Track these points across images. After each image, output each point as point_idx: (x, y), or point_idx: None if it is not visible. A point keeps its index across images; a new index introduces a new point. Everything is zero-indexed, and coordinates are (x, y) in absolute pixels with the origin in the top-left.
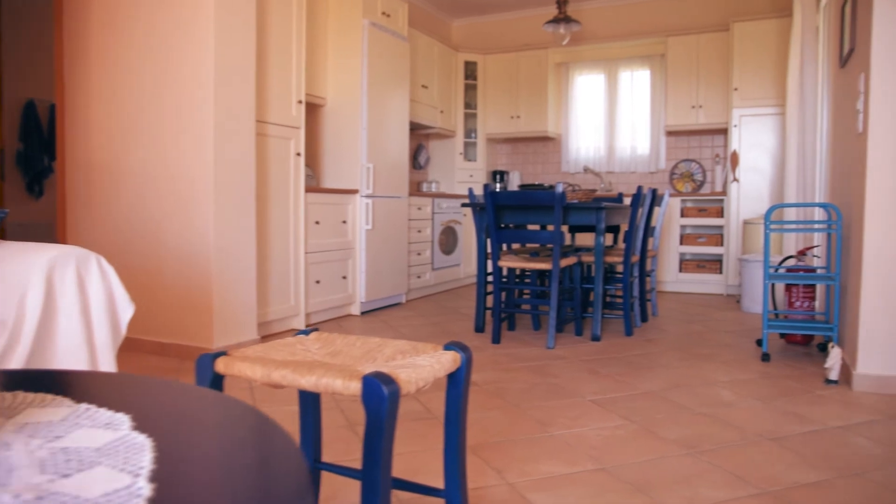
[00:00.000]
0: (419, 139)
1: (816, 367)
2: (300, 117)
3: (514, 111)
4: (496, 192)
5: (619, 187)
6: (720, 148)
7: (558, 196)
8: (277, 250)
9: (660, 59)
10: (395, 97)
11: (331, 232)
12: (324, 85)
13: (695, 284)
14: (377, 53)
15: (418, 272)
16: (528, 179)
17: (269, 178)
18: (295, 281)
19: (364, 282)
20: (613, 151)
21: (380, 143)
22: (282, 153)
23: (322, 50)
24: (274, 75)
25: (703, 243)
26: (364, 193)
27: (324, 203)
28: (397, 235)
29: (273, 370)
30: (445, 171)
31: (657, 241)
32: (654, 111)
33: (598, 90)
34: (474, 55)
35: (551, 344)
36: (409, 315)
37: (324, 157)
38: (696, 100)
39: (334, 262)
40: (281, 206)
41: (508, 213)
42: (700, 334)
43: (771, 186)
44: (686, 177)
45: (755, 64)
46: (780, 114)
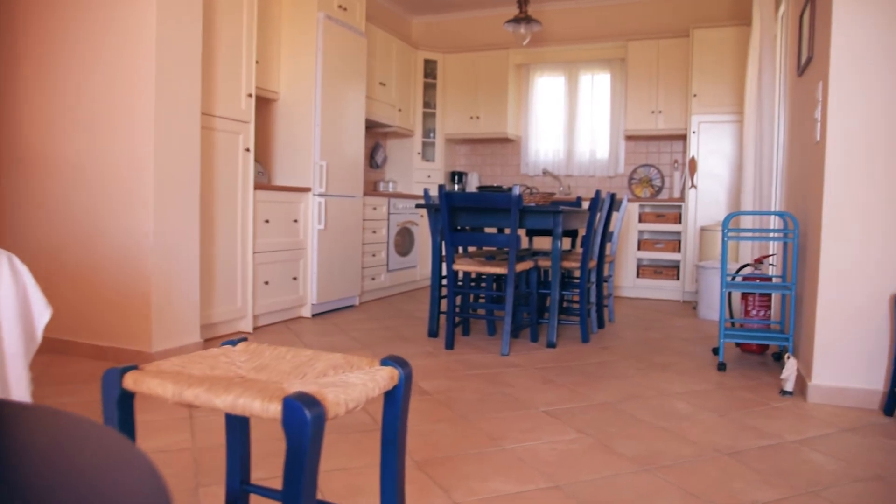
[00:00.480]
0: (376, 138)
1: (772, 377)
2: (250, 111)
3: (473, 111)
4: (451, 193)
5: (578, 191)
6: (679, 154)
7: (515, 199)
8: (224, 249)
9: (620, 62)
10: (350, 93)
11: (281, 231)
12: (276, 79)
13: (652, 290)
14: (332, 48)
15: (373, 274)
16: (487, 181)
17: (215, 173)
18: (242, 281)
19: (315, 283)
20: (573, 155)
21: (334, 141)
22: (230, 148)
23: (275, 42)
24: (222, 66)
25: (661, 249)
26: (317, 192)
27: (274, 201)
28: (351, 236)
29: (185, 388)
30: (403, 171)
31: (615, 247)
32: (613, 115)
33: (559, 92)
34: (434, 53)
35: (506, 351)
36: (361, 318)
37: (276, 154)
38: (655, 105)
39: (284, 263)
40: (228, 203)
41: (464, 214)
42: (657, 342)
43: (728, 193)
44: (645, 182)
45: (714, 71)
46: (737, 121)
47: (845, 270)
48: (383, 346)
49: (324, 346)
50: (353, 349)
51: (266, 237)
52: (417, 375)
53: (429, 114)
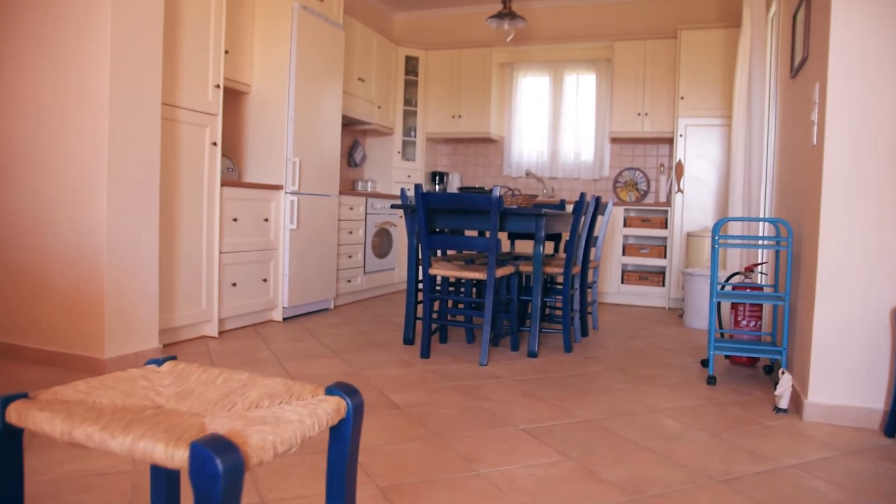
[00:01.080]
0: (355, 135)
1: (764, 391)
2: (217, 103)
3: (455, 110)
4: (428, 193)
5: (562, 194)
6: (665, 157)
7: (495, 200)
8: (187, 249)
9: (606, 63)
10: (327, 88)
11: (250, 230)
12: (248, 70)
13: (637, 297)
14: (308, 39)
15: (349, 276)
16: (468, 182)
17: (179, 168)
18: (207, 283)
19: (287, 286)
20: (557, 156)
21: (308, 137)
22: (195, 141)
23: (248, 32)
24: (188, 55)
25: (646, 255)
26: (289, 190)
27: (243, 199)
28: (326, 236)
29: (76, 425)
30: (382, 170)
31: (599, 252)
32: (598, 117)
33: (543, 93)
34: (416, 50)
35: (484, 360)
36: (335, 322)
37: (247, 149)
38: (641, 107)
39: (254, 264)
40: (193, 199)
41: (442, 216)
42: (642, 352)
43: (716, 199)
44: (630, 185)
45: (702, 73)
46: (725, 125)
47: (843, 281)
48: (354, 354)
49: (292, 352)
50: (322, 356)
51: (234, 236)
52: (389, 387)
53: (410, 112)
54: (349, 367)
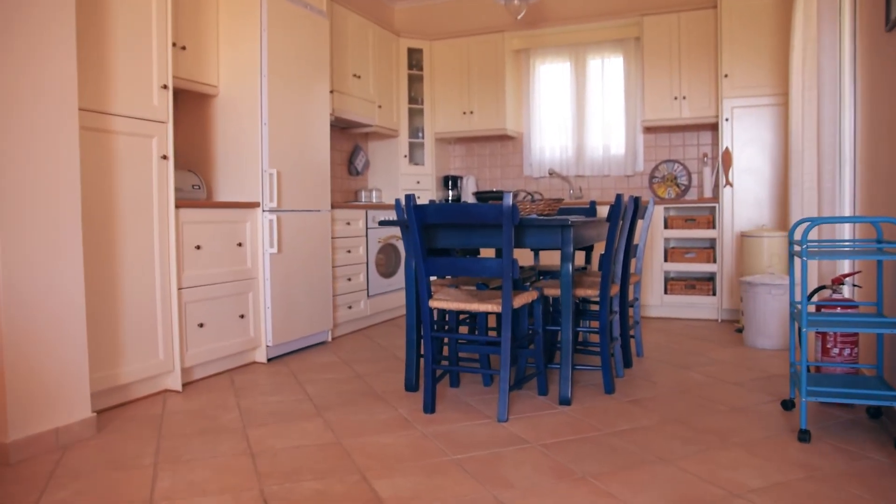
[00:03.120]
0: (355, 140)
1: (883, 451)
2: (166, 108)
3: (466, 106)
4: (423, 206)
5: (591, 194)
6: (708, 146)
7: (507, 211)
8: (134, 287)
9: (634, 42)
10: (310, 86)
11: (219, 259)
12: (213, 69)
13: (683, 308)
14: (282, 29)
15: (349, 301)
16: (485, 185)
17: (117, 188)
18: (164, 327)
19: (270, 321)
20: (583, 152)
21: (289, 143)
22: (138, 156)
23: (211, 24)
24: (123, 50)
25: (692, 259)
26: (267, 207)
27: (208, 221)
28: (317, 259)
29: None
30: (388, 178)
31: (640, 263)
32: (629, 104)
33: (564, 81)
34: (419, 41)
35: (504, 416)
36: (329, 361)
37: (216, 162)
38: (678, 90)
39: (226, 298)
40: (139, 226)
41: (444, 233)
42: (702, 388)
43: (772, 191)
44: (669, 181)
45: (749, 46)
46: (781, 104)
47: None
48: (342, 411)
49: (265, 411)
50: (300, 416)
51: (197, 268)
52: (375, 468)
53: (415, 110)
54: (330, 435)
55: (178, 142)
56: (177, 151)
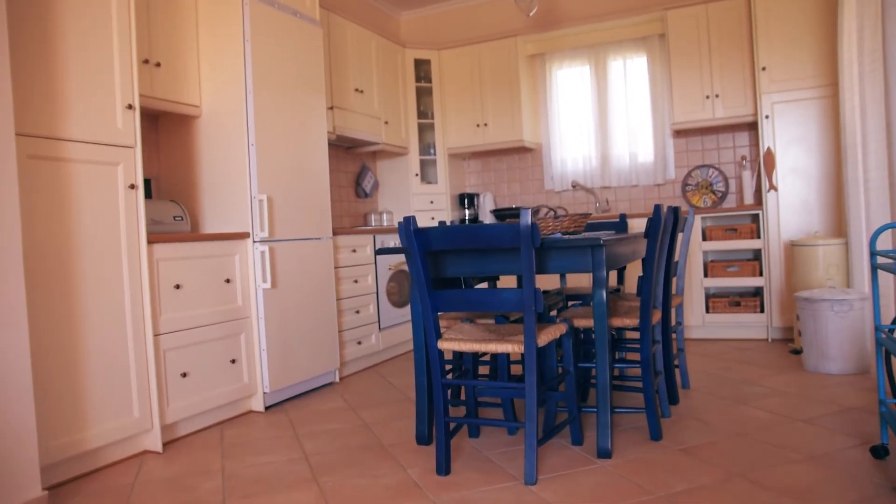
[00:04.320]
0: (361, 159)
1: None
2: (132, 131)
3: (480, 118)
4: (425, 230)
5: (620, 206)
6: (746, 148)
7: (525, 231)
8: (101, 337)
9: (658, 40)
10: (305, 102)
11: (204, 298)
12: (194, 87)
13: (728, 328)
14: (268, 39)
15: (358, 336)
16: (504, 202)
17: (74, 225)
18: (139, 381)
19: (266, 364)
20: (608, 161)
21: (281, 166)
22: (102, 186)
23: (190, 37)
24: (78, 68)
25: (736, 274)
26: (258, 237)
27: (188, 257)
28: (318, 291)
29: None
30: (399, 198)
31: (682, 281)
32: (656, 107)
33: (584, 85)
34: (426, 51)
35: (532, 477)
36: (335, 408)
37: (202, 190)
38: (709, 88)
39: (213, 343)
40: (104, 267)
41: (452, 260)
42: (766, 430)
43: (822, 194)
44: (704, 188)
45: (787, 35)
46: (828, 96)
47: None
48: (341, 474)
49: (252, 476)
50: (291, 484)
51: (177, 310)
52: None
53: (425, 125)
54: None
55: (161, 169)
56: (159, 180)
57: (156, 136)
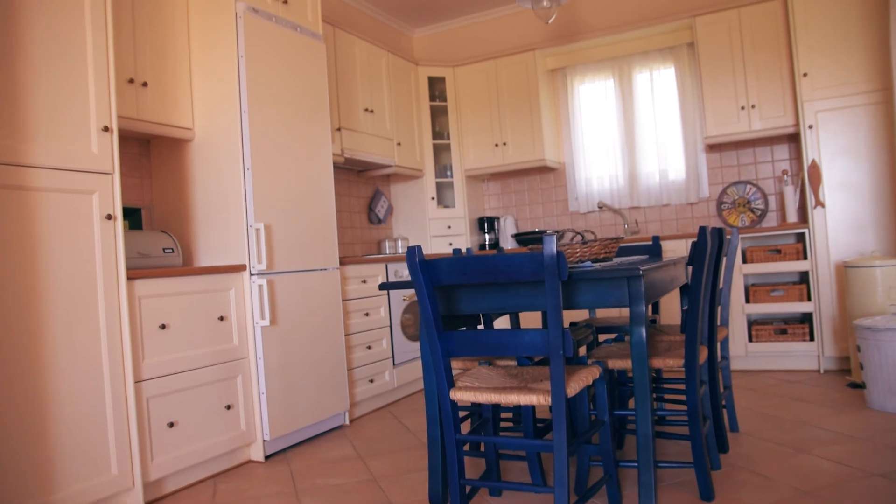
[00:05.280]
0: (374, 183)
1: None
2: (109, 155)
3: (498, 137)
4: (433, 262)
5: (650, 228)
6: (786, 161)
7: (550, 262)
8: (72, 386)
9: (687, 49)
10: (307, 123)
11: (194, 338)
12: (186, 108)
13: (774, 358)
14: (266, 55)
15: (370, 374)
16: (526, 226)
17: (41, 261)
18: (117, 432)
19: (265, 409)
20: (636, 180)
21: (282, 191)
22: (74, 217)
23: (180, 55)
24: (44, 85)
25: (780, 298)
26: (255, 270)
27: (176, 293)
28: (324, 327)
29: None
30: (415, 224)
31: (727, 311)
32: (686, 121)
33: (609, 100)
34: (440, 68)
35: None
36: (341, 456)
37: (196, 219)
38: (744, 98)
39: (205, 387)
40: (77, 307)
41: (467, 294)
42: (838, 487)
43: (875, 210)
44: (741, 206)
45: (831, 37)
46: (880, 101)
47: None
48: None
49: None
50: None
51: (163, 353)
52: None
53: (441, 146)
54: None
55: (153, 197)
56: (152, 209)
57: (148, 161)
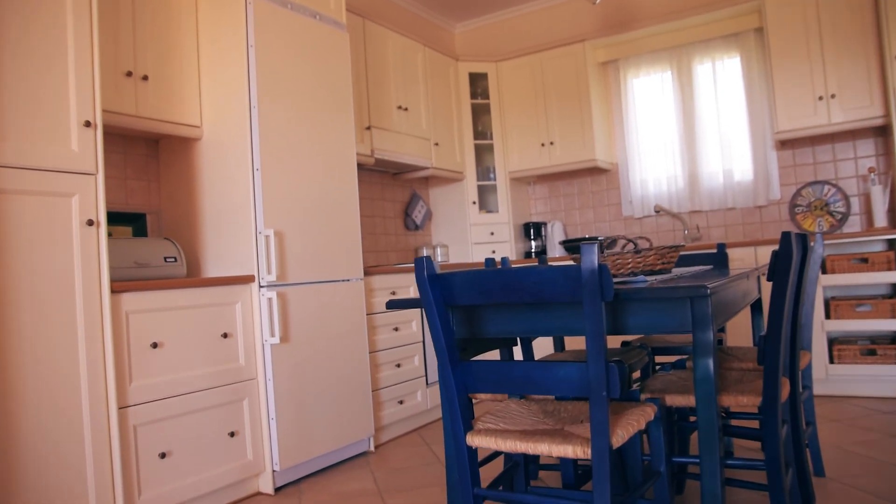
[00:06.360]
0: (411, 186)
1: None
2: (93, 154)
3: (545, 136)
4: (445, 276)
5: (713, 233)
6: (872, 158)
7: (590, 278)
8: (43, 415)
9: (754, 35)
10: (328, 119)
11: (192, 358)
12: (193, 103)
13: (860, 382)
14: (279, 45)
15: (400, 395)
16: (575, 232)
17: (8, 272)
18: (96, 465)
19: (276, 436)
20: (697, 181)
21: (297, 194)
22: (48, 222)
23: (186, 43)
24: (16, 73)
25: (868, 314)
26: (265, 282)
27: (171, 308)
28: (345, 344)
29: None
30: (455, 230)
31: (810, 332)
32: (754, 115)
33: (666, 95)
34: (482, 63)
35: None
36: (360, 489)
37: (204, 225)
38: (822, 87)
39: (205, 413)
40: (52, 324)
41: (492, 314)
42: None
43: None
44: (817, 208)
45: None
46: None
47: None
48: None
49: None
50: None
51: (154, 374)
52: None
53: (483, 147)
54: None
55: (161, 202)
56: (160, 214)
57: (156, 163)
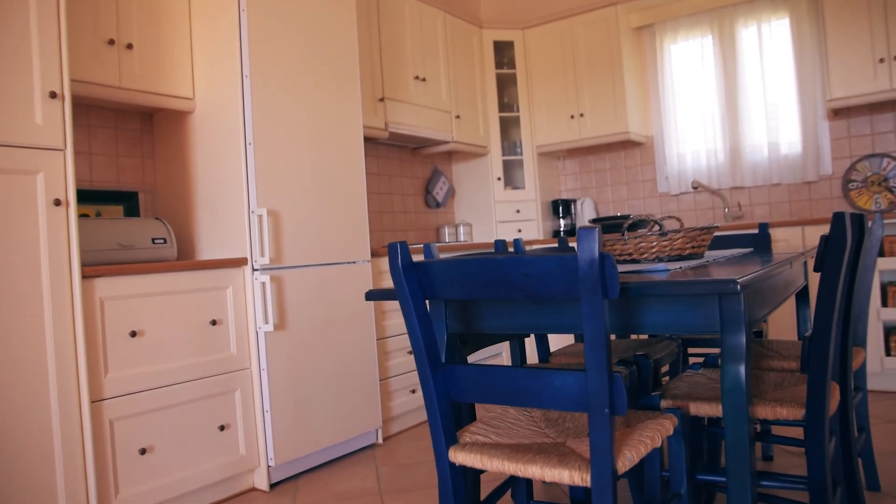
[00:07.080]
0: (432, 162)
1: None
2: (60, 127)
3: (574, 108)
4: (423, 264)
5: (756, 212)
6: None
7: (588, 271)
8: (7, 411)
9: None
10: (330, 89)
11: (176, 347)
12: (185, 73)
13: None
14: (274, 6)
15: (411, 384)
16: (607, 209)
17: None
18: (67, 465)
19: (270, 430)
20: (739, 155)
21: (296, 171)
22: (8, 202)
23: (177, 6)
24: None
25: None
26: (258, 265)
27: (153, 293)
28: (349, 330)
29: None
30: (479, 208)
31: (865, 326)
32: (803, 82)
33: (707, 61)
34: (507, 31)
35: None
36: (361, 488)
37: (198, 205)
38: (884, 49)
39: (192, 405)
40: (17, 313)
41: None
42: None
43: None
44: (875, 184)
45: None
46: None
47: None
48: None
49: None
50: None
51: (133, 365)
52: None
53: (509, 119)
54: None
55: (156, 180)
56: (155, 193)
57: (151, 139)
